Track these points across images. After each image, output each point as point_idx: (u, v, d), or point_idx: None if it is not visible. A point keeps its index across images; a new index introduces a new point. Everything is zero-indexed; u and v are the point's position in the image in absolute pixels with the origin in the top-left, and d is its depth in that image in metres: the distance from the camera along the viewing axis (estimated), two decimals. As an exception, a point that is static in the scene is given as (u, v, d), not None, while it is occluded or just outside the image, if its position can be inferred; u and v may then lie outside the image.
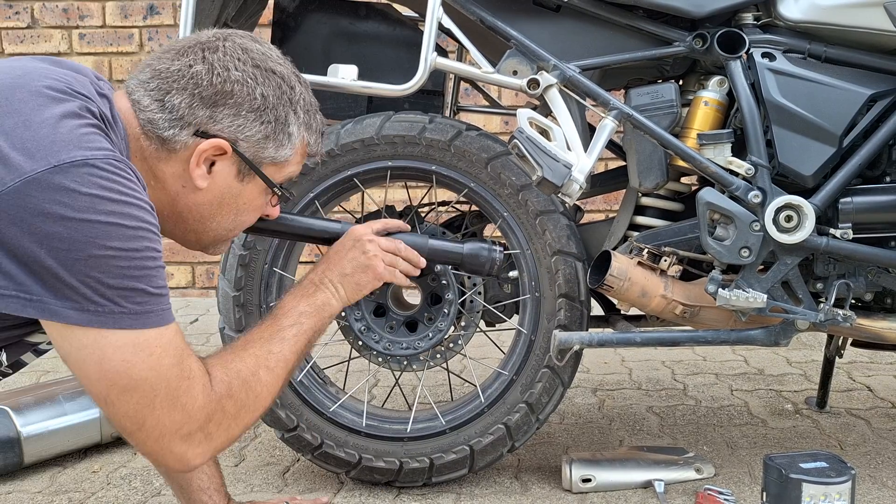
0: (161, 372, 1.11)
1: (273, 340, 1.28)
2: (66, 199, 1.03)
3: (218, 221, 1.28)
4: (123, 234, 1.06)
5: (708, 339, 1.80)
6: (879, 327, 1.80)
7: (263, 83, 1.22)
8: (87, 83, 1.18)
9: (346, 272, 1.40)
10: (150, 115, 1.19)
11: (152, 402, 1.11)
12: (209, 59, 1.20)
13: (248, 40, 1.25)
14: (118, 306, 1.07)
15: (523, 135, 1.65)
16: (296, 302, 1.35)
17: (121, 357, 1.08)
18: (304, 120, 1.27)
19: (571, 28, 1.80)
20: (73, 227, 1.03)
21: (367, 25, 2.00)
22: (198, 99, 1.19)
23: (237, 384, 1.20)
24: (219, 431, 1.19)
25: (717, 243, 1.73)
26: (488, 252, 1.53)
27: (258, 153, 1.24)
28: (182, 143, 1.20)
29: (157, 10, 3.85)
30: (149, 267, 1.09)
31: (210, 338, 3.24)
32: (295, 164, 1.29)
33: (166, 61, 1.21)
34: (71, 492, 1.96)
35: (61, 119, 1.07)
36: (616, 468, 1.92)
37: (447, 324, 1.89)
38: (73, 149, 1.05)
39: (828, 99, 1.71)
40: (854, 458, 2.07)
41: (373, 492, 1.93)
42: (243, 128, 1.21)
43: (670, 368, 2.85)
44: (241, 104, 1.21)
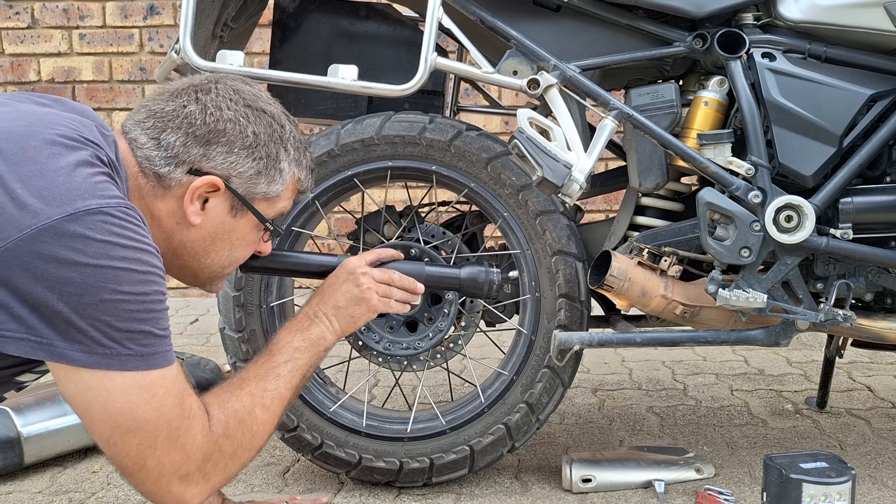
0: (163, 412, 1.13)
1: (268, 378, 1.31)
2: (80, 245, 1.06)
3: (212, 258, 1.31)
4: (134, 279, 1.09)
5: (708, 340, 1.80)
6: (880, 327, 1.80)
7: (255, 122, 1.27)
8: (94, 128, 1.21)
9: (339, 305, 1.44)
10: (146, 153, 1.24)
11: (154, 442, 1.14)
12: (202, 99, 1.25)
13: (238, 83, 1.30)
14: (125, 348, 1.10)
15: (523, 135, 1.65)
16: (290, 337, 1.38)
17: (126, 399, 1.11)
18: (295, 157, 1.32)
19: (571, 28, 1.80)
20: (86, 273, 1.06)
21: (367, 25, 2.00)
22: (192, 138, 1.23)
23: (234, 423, 1.23)
24: (216, 471, 1.21)
25: (718, 243, 1.73)
26: (486, 275, 1.55)
27: (250, 189, 1.28)
28: (177, 181, 1.24)
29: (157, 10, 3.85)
30: (156, 310, 1.12)
31: (210, 338, 3.24)
32: (286, 199, 1.33)
33: (161, 102, 1.26)
34: (71, 492, 1.97)
35: (76, 168, 1.10)
36: (616, 468, 1.92)
37: (447, 324, 1.89)
38: (89, 197, 1.08)
39: (828, 99, 1.71)
40: (854, 458, 2.07)
41: (373, 492, 1.93)
42: (236, 164, 1.25)
43: (670, 368, 2.85)
44: (234, 142, 1.25)
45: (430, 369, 1.96)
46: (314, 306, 1.44)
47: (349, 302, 1.44)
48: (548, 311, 1.87)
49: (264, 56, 3.43)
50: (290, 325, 1.42)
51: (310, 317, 1.42)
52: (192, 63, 1.70)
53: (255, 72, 1.76)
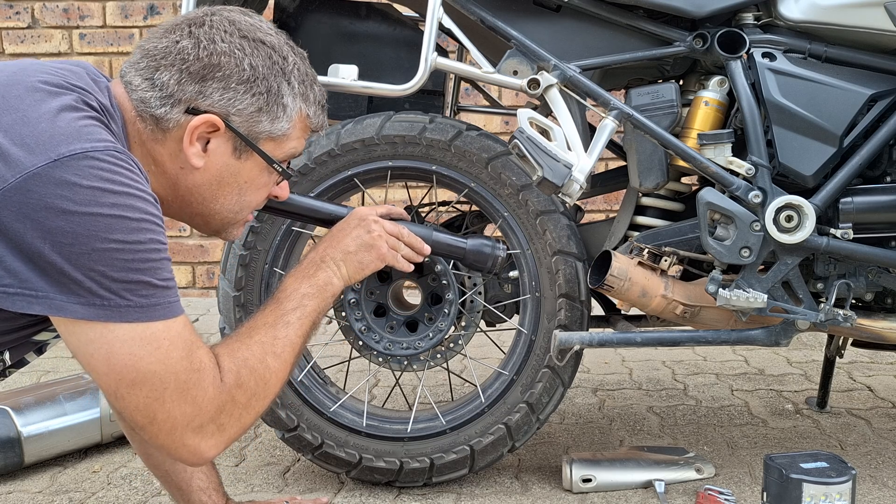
0: (170, 365, 1.10)
1: (278, 325, 1.26)
2: (67, 192, 1.02)
3: (221, 203, 1.25)
4: (127, 227, 1.05)
5: (708, 339, 1.80)
6: (880, 327, 1.80)
7: (252, 54, 1.19)
8: (84, 75, 1.18)
9: (349, 250, 1.38)
10: (141, 95, 1.18)
11: (162, 395, 1.10)
12: (195, 33, 1.18)
13: (236, 13, 1.22)
14: (124, 299, 1.06)
15: (524, 135, 1.65)
16: (297, 283, 1.33)
17: (128, 351, 1.07)
18: (300, 90, 1.23)
19: (572, 28, 1.80)
20: (75, 221, 1.02)
21: (367, 25, 2.00)
22: (186, 74, 1.16)
23: (246, 373, 1.19)
24: (230, 422, 1.18)
25: (718, 243, 1.73)
26: (491, 248, 1.52)
27: (253, 128, 1.21)
28: (174, 122, 1.17)
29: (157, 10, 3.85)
30: (153, 259, 1.08)
31: (210, 338, 3.24)
32: (295, 139, 1.26)
33: (154, 40, 1.19)
34: (71, 492, 1.97)
35: (59, 112, 1.07)
36: (616, 468, 1.92)
37: (447, 324, 1.89)
38: (73, 141, 1.05)
39: (828, 99, 1.71)
40: (854, 458, 2.07)
41: (373, 492, 1.93)
42: (234, 101, 1.18)
43: (671, 368, 2.85)
44: (230, 76, 1.17)
45: (430, 369, 1.96)
46: (322, 251, 1.38)
47: (359, 247, 1.39)
48: (548, 310, 1.87)
49: (264, 56, 3.43)
50: (296, 271, 1.36)
51: (316, 262, 1.36)
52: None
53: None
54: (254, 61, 1.18)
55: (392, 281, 1.92)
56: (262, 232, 1.87)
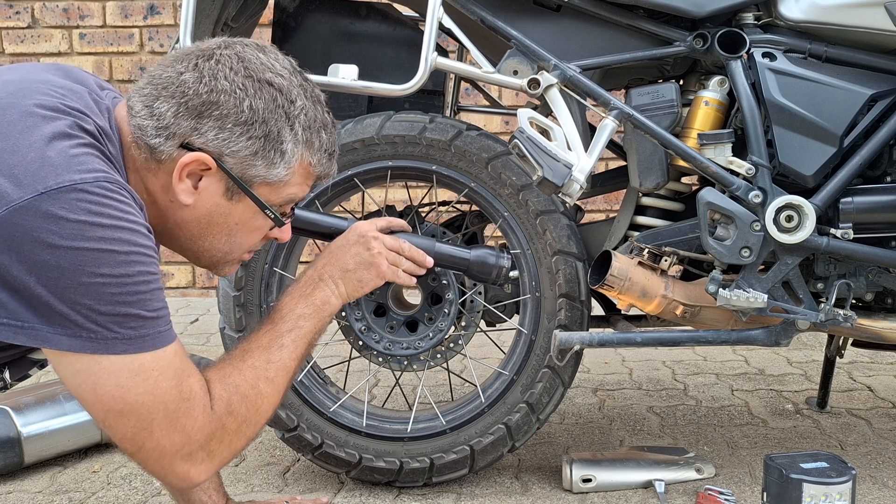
0: (158, 395, 1.10)
1: (272, 349, 1.25)
2: (53, 226, 1.01)
3: (210, 241, 1.22)
4: (114, 260, 1.04)
5: (708, 339, 1.80)
6: (880, 327, 1.80)
7: (254, 95, 1.14)
8: (85, 94, 1.15)
9: (348, 268, 1.36)
10: (139, 121, 1.15)
11: (150, 425, 1.10)
12: (200, 66, 1.14)
13: (251, 49, 1.18)
14: (111, 332, 1.05)
15: (524, 135, 1.65)
16: (294, 303, 1.31)
17: (115, 382, 1.07)
18: (304, 137, 1.18)
19: (572, 28, 1.80)
20: (61, 255, 1.01)
21: (367, 25, 2.00)
22: (183, 108, 1.13)
23: (237, 400, 1.19)
24: (221, 448, 1.18)
25: (718, 243, 1.72)
26: (496, 259, 1.49)
27: (246, 171, 1.16)
28: (167, 154, 1.14)
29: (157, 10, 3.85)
30: (142, 291, 1.07)
31: (210, 338, 3.24)
32: (296, 185, 1.21)
33: (161, 67, 1.17)
34: (71, 492, 1.96)
35: (50, 141, 1.05)
36: (616, 468, 1.92)
37: (447, 324, 1.89)
38: (62, 173, 1.03)
39: (828, 99, 1.71)
40: (855, 458, 2.07)
41: (373, 492, 1.93)
42: (228, 142, 1.14)
43: (671, 368, 2.84)
44: (227, 116, 1.13)
45: (430, 369, 1.96)
46: (320, 268, 1.35)
47: (358, 265, 1.36)
48: (548, 310, 1.87)
49: (264, 56, 3.42)
50: (293, 288, 1.34)
51: (314, 280, 1.34)
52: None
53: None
54: (254, 103, 1.14)
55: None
56: (262, 232, 1.86)
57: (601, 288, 1.76)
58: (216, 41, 1.19)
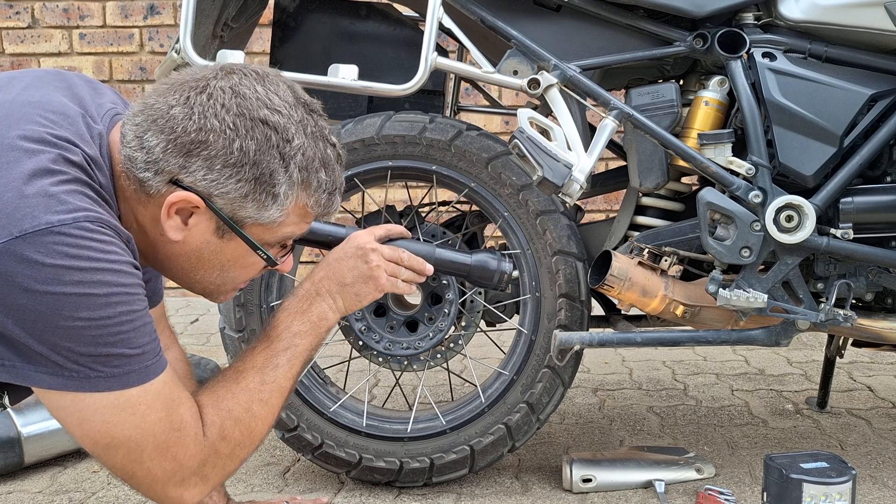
0: (146, 428, 1.09)
1: (266, 369, 1.23)
2: (29, 270, 0.99)
3: (202, 275, 1.19)
4: (93, 304, 1.02)
5: (708, 339, 1.80)
6: (880, 327, 1.80)
7: (245, 135, 1.08)
8: (78, 119, 1.11)
9: (346, 282, 1.32)
10: (129, 152, 1.11)
11: (140, 456, 1.10)
12: (191, 101, 1.09)
13: (249, 81, 1.12)
14: (94, 371, 1.04)
15: (524, 135, 1.65)
16: (290, 320, 1.28)
17: (101, 419, 1.06)
18: (300, 178, 1.12)
19: (572, 28, 1.80)
20: (37, 300, 0.99)
21: (367, 25, 2.00)
22: (172, 144, 1.08)
23: (230, 424, 1.18)
24: (214, 472, 1.18)
25: (718, 243, 1.72)
26: (497, 263, 1.46)
27: (236, 212, 1.12)
28: (156, 189, 1.10)
29: (157, 10, 3.85)
30: (124, 331, 1.04)
31: (210, 338, 3.24)
32: (292, 224, 1.17)
33: (155, 96, 1.12)
34: (71, 492, 1.96)
35: (30, 179, 1.02)
36: (617, 468, 1.92)
37: (448, 324, 1.89)
38: (39, 214, 1.00)
39: (828, 99, 1.71)
40: (855, 458, 2.07)
41: (373, 492, 1.93)
42: (217, 183, 1.09)
43: (671, 368, 2.84)
44: (216, 157, 1.08)
45: (430, 369, 1.96)
46: (317, 282, 1.31)
47: (356, 279, 1.32)
48: (548, 310, 1.87)
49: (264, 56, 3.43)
50: (289, 303, 1.30)
51: (311, 294, 1.30)
52: (192, 63, 1.69)
53: (256, 71, 1.76)
54: (245, 144, 1.08)
55: (392, 281, 1.91)
56: (262, 232, 1.86)
57: (601, 288, 1.76)
58: (214, 69, 1.14)
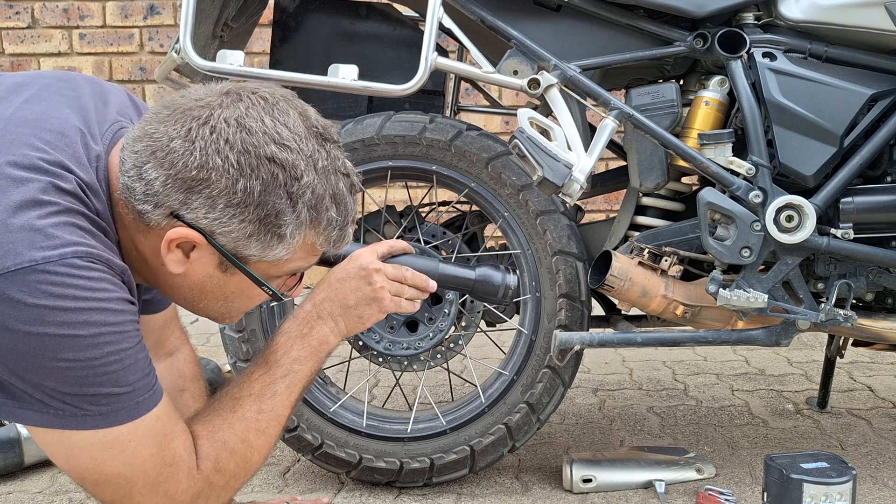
0: (137, 465, 1.06)
1: (264, 397, 1.19)
2: (10, 310, 0.95)
3: (206, 304, 1.16)
4: (77, 345, 0.97)
5: (709, 340, 1.80)
6: (880, 327, 1.80)
7: (250, 175, 1.02)
8: (76, 140, 1.06)
9: (348, 304, 1.27)
10: (128, 182, 1.05)
11: (130, 492, 1.07)
12: (192, 134, 1.03)
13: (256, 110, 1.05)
14: (81, 410, 1.00)
15: (524, 135, 1.65)
16: (289, 345, 1.24)
17: (89, 455, 1.03)
18: (308, 217, 1.06)
19: (572, 28, 1.80)
20: (19, 340, 0.96)
21: (367, 25, 2.00)
22: (172, 180, 1.03)
23: (225, 456, 1.15)
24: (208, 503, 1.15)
25: (718, 243, 1.72)
26: (501, 278, 1.42)
27: (240, 250, 1.07)
28: (156, 222, 1.05)
29: (157, 10, 3.85)
30: (112, 371, 1.01)
31: (210, 338, 3.24)
32: (299, 260, 1.11)
33: (156, 123, 1.06)
34: (71, 492, 1.96)
35: (16, 211, 0.97)
36: (617, 468, 1.92)
37: (448, 324, 1.89)
38: (23, 251, 0.95)
39: (829, 99, 1.71)
40: (855, 458, 2.07)
41: (373, 492, 1.93)
42: (219, 222, 1.04)
43: (671, 369, 2.84)
44: (218, 196, 1.03)
45: (430, 369, 1.96)
46: (319, 303, 1.27)
47: (359, 301, 1.27)
48: (548, 311, 1.87)
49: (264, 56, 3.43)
50: (289, 326, 1.26)
51: (313, 317, 1.26)
52: (192, 63, 1.69)
53: (255, 72, 1.76)
54: (249, 184, 1.02)
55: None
56: (262, 232, 1.86)
57: (601, 288, 1.76)
58: (219, 94, 1.07)
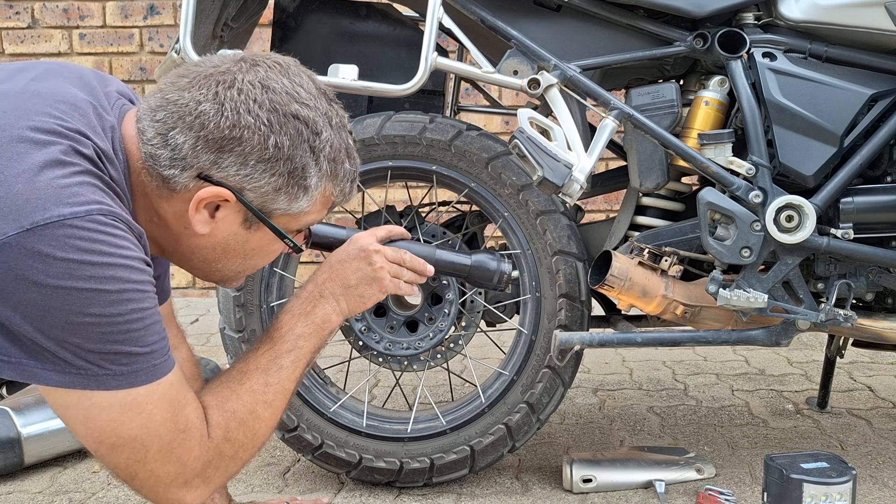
0: (152, 428, 1.07)
1: (270, 370, 1.23)
2: (39, 264, 0.96)
3: (224, 264, 1.20)
4: (104, 300, 1.00)
5: (709, 340, 1.80)
6: (880, 327, 1.80)
7: (279, 131, 1.09)
8: (89, 111, 1.10)
9: (349, 284, 1.32)
10: (152, 150, 1.10)
11: (144, 456, 1.09)
12: (221, 97, 1.08)
13: (275, 73, 1.12)
14: (102, 369, 1.02)
15: (524, 135, 1.65)
16: (293, 322, 1.28)
17: (107, 417, 1.05)
18: (328, 169, 1.14)
19: (572, 28, 1.80)
20: (47, 294, 0.97)
21: (367, 25, 2.00)
22: (203, 141, 1.08)
23: (235, 426, 1.17)
24: (217, 474, 1.17)
25: (718, 243, 1.72)
26: (496, 264, 1.49)
27: (267, 204, 1.13)
28: (183, 185, 1.10)
29: (157, 10, 3.85)
30: (134, 329, 1.03)
31: (210, 338, 3.24)
32: (316, 212, 1.18)
33: (177, 91, 1.10)
34: (71, 492, 1.96)
35: (41, 170, 0.99)
36: (617, 468, 1.92)
37: (448, 324, 1.89)
38: (51, 207, 0.97)
39: (829, 99, 1.71)
40: (855, 458, 2.07)
41: (373, 492, 1.93)
42: (250, 178, 1.10)
43: (671, 368, 2.84)
44: (250, 153, 1.09)
45: (430, 369, 1.96)
46: (321, 283, 1.32)
47: (360, 281, 1.32)
48: (548, 311, 1.87)
49: (264, 56, 3.42)
50: (293, 305, 1.30)
51: (315, 296, 1.31)
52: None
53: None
54: (279, 140, 1.09)
55: (392, 281, 1.91)
56: (262, 232, 1.86)
57: (601, 288, 1.76)
58: (235, 61, 1.12)
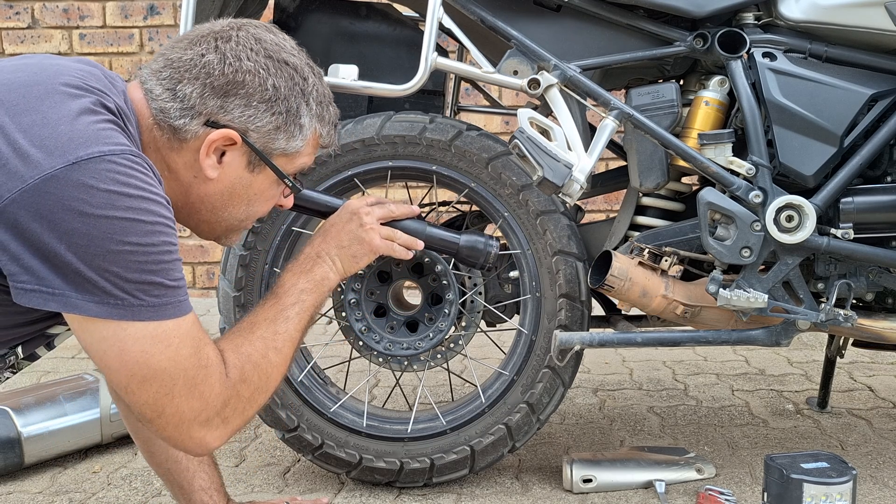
0: (179, 362, 1.14)
1: (278, 320, 1.31)
2: (84, 195, 1.05)
3: (230, 211, 1.29)
4: (141, 230, 1.08)
5: (709, 340, 1.80)
6: (880, 327, 1.80)
7: (276, 74, 1.23)
8: (101, 76, 1.20)
9: (342, 244, 1.44)
10: (161, 104, 1.21)
11: (171, 390, 1.14)
12: (221, 48, 1.21)
13: (262, 30, 1.26)
14: (137, 299, 1.10)
15: (524, 135, 1.65)
16: (295, 279, 1.38)
17: (140, 348, 1.11)
18: (317, 111, 1.28)
19: (572, 28, 1.80)
20: (91, 224, 1.05)
21: (367, 25, 2.00)
22: (209, 89, 1.20)
23: (250, 368, 1.24)
24: (234, 415, 1.22)
25: (718, 243, 1.72)
26: (484, 244, 1.57)
27: (268, 144, 1.25)
28: (193, 133, 1.21)
29: (157, 10, 3.85)
30: (165, 261, 1.11)
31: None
32: (307, 154, 1.30)
33: (179, 51, 1.22)
34: (71, 492, 1.96)
35: (78, 115, 1.09)
36: (617, 468, 1.92)
37: (448, 324, 1.89)
38: (91, 144, 1.07)
39: (829, 99, 1.71)
40: (855, 458, 2.07)
41: (373, 492, 1.93)
42: (254, 118, 1.22)
43: (671, 369, 2.84)
44: (252, 95, 1.21)
45: (430, 369, 1.96)
46: (317, 246, 1.44)
47: (352, 241, 1.45)
48: (548, 311, 1.87)
49: (264, 56, 3.42)
50: (293, 266, 1.42)
51: (312, 257, 1.42)
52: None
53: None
54: (277, 81, 1.23)
55: (392, 281, 1.92)
56: (262, 232, 1.87)
57: (601, 288, 1.76)
58: (227, 22, 1.26)
